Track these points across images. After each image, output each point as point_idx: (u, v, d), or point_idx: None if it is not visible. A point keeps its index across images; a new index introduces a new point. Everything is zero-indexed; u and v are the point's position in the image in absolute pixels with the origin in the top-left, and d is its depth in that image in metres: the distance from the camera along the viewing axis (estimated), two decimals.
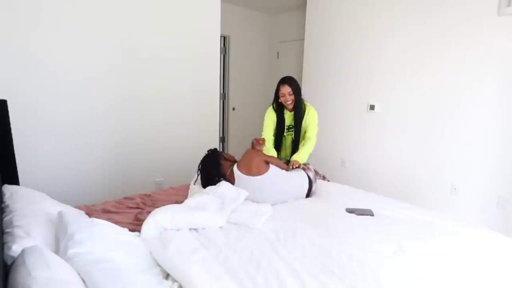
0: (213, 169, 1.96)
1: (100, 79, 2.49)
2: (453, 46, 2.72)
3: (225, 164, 1.98)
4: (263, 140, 2.17)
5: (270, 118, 2.38)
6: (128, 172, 2.77)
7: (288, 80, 2.24)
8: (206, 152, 2.05)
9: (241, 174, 1.88)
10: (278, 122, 2.35)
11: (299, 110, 2.29)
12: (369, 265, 1.21)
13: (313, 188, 2.05)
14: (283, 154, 2.48)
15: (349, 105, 3.56)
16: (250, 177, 1.86)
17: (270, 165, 1.94)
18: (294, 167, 2.12)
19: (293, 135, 2.36)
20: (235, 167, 1.93)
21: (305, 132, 2.36)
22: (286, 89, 2.21)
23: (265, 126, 2.40)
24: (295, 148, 2.36)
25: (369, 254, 1.30)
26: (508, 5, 2.38)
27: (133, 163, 2.80)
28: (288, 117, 2.36)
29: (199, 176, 2.04)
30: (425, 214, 1.76)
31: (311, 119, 2.32)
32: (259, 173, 1.87)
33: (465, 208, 2.78)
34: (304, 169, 2.11)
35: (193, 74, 3.10)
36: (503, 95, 2.49)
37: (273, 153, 2.37)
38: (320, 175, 2.39)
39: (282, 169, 2.05)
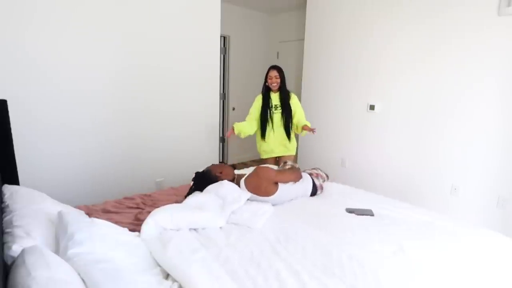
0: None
1: (99, 79, 2.49)
2: (453, 46, 2.72)
3: (225, 178, 1.92)
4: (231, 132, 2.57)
5: (257, 101, 2.75)
6: (129, 172, 2.77)
7: (276, 67, 2.67)
8: (194, 176, 1.96)
9: (248, 192, 1.83)
10: (264, 101, 2.69)
11: (283, 91, 2.68)
12: (369, 265, 1.21)
13: (317, 193, 2.06)
14: (275, 130, 2.70)
15: (349, 105, 3.56)
16: (257, 196, 1.83)
17: (279, 185, 1.88)
18: (310, 130, 2.48)
19: (280, 113, 2.68)
20: (242, 182, 1.87)
21: (294, 113, 2.71)
22: (274, 73, 2.62)
23: (251, 108, 2.77)
24: (286, 124, 2.68)
25: (369, 254, 1.30)
26: (508, 5, 2.38)
27: (134, 163, 2.80)
28: (274, 98, 2.70)
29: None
30: (425, 214, 1.76)
31: (296, 103, 2.73)
32: (267, 194, 1.83)
33: (465, 208, 2.78)
34: (312, 174, 2.11)
35: (193, 74, 3.10)
36: (503, 95, 2.49)
37: (248, 126, 2.68)
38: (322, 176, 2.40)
39: (293, 181, 1.96)
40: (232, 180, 1.95)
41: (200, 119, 3.24)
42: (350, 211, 1.77)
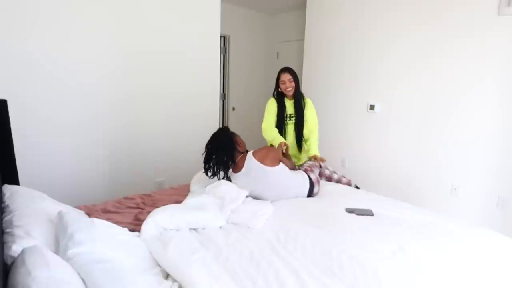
0: (227, 155, 1.93)
1: (100, 79, 2.49)
2: (453, 45, 2.72)
3: (238, 151, 1.99)
4: (285, 145, 2.22)
5: (272, 107, 2.45)
6: (128, 172, 2.77)
7: (288, 69, 2.37)
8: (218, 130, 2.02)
9: (254, 159, 1.92)
10: (279, 109, 2.43)
11: (298, 97, 2.41)
12: (369, 265, 1.21)
13: (315, 190, 2.06)
14: (288, 141, 2.46)
15: (349, 105, 3.56)
16: (261, 165, 1.91)
17: (281, 163, 2.02)
18: (313, 160, 2.28)
19: (294, 123, 2.44)
20: (250, 153, 1.97)
21: (306, 123, 2.45)
22: (286, 77, 2.33)
23: (267, 113, 2.46)
24: (298, 135, 2.44)
25: (369, 254, 1.30)
26: (508, 5, 2.38)
27: (134, 163, 2.80)
28: (289, 106, 2.44)
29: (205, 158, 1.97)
30: (425, 214, 1.75)
31: (310, 110, 2.46)
32: (272, 164, 1.94)
33: (465, 208, 2.78)
34: (306, 170, 2.13)
35: (193, 74, 3.10)
36: (503, 95, 2.49)
37: (278, 136, 2.37)
38: (342, 178, 2.39)
39: (289, 167, 2.11)
40: (243, 152, 2.01)
41: (200, 119, 3.24)
42: (350, 211, 1.77)
